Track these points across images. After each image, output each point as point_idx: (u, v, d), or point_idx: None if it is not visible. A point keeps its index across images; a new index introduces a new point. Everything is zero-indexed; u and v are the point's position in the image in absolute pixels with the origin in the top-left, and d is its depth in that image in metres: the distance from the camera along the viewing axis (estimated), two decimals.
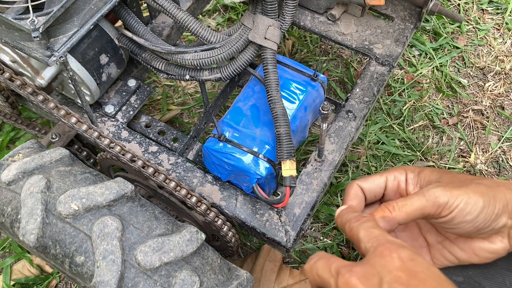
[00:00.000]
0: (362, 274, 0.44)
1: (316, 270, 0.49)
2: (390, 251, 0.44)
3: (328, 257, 0.49)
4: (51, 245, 0.73)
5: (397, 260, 0.43)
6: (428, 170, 0.58)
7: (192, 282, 0.72)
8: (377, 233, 0.49)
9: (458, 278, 0.62)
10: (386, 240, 0.46)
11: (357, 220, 0.52)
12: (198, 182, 0.91)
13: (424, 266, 0.43)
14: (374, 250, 0.46)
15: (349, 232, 0.52)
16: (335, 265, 0.47)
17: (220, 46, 0.87)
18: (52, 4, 0.76)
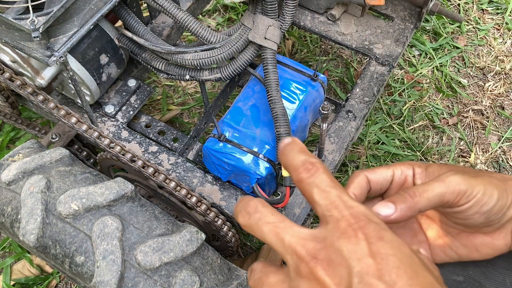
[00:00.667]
0: (327, 263, 0.38)
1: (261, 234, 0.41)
2: (355, 230, 0.38)
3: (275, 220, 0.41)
4: (51, 245, 0.73)
5: (364, 243, 0.37)
6: (436, 165, 0.56)
7: (192, 282, 0.72)
8: (334, 196, 0.40)
9: (458, 277, 0.62)
10: (348, 212, 0.39)
11: (307, 171, 0.42)
12: (198, 182, 0.91)
13: (395, 246, 0.37)
14: (335, 224, 0.39)
15: (298, 185, 0.43)
16: (289, 237, 0.40)
17: (220, 46, 0.88)
18: (52, 4, 0.76)
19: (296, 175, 0.43)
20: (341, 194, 0.40)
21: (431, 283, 0.35)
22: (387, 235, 0.38)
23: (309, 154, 0.44)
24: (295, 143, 0.46)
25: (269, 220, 0.41)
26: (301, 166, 0.43)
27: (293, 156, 0.44)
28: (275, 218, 0.41)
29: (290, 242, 0.39)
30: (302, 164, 0.43)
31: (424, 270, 0.36)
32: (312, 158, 0.43)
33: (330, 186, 0.41)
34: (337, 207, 0.39)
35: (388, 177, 0.57)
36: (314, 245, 0.38)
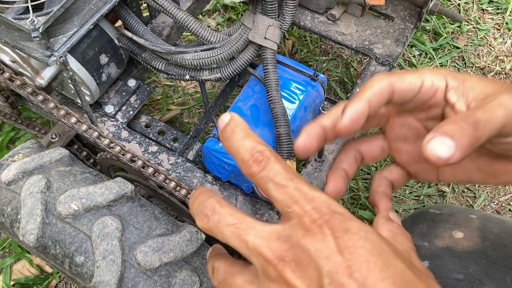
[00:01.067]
0: (296, 264, 0.35)
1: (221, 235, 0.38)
2: (320, 226, 0.35)
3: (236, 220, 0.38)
4: (51, 245, 0.73)
5: (331, 238, 0.34)
6: (475, 78, 0.45)
7: (192, 282, 0.72)
8: (293, 189, 0.37)
9: (459, 275, 0.62)
10: (310, 206, 0.36)
11: (258, 164, 0.38)
12: (198, 182, 0.91)
13: (362, 236, 0.35)
14: (299, 220, 0.36)
15: (251, 179, 0.39)
16: (252, 238, 0.37)
17: (220, 46, 0.87)
18: (52, 4, 0.76)
19: (245, 169, 0.39)
20: (299, 185, 0.37)
21: (402, 271, 0.34)
22: (353, 226, 0.35)
23: (254, 137, 0.40)
24: (236, 123, 0.41)
25: (229, 221, 0.38)
26: (249, 157, 0.38)
27: (238, 143, 0.39)
28: (235, 219, 0.38)
29: (254, 244, 0.36)
30: (250, 154, 0.38)
31: (395, 258, 0.35)
32: (260, 145, 0.39)
33: (286, 178, 0.37)
34: (297, 202, 0.36)
35: (415, 88, 0.46)
36: (280, 245, 0.36)
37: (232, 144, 0.40)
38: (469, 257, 0.64)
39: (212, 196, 0.40)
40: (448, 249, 0.66)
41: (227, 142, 0.40)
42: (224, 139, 0.41)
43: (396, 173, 0.53)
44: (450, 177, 0.50)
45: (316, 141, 0.46)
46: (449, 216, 0.71)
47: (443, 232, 0.69)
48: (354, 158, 0.51)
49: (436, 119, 0.48)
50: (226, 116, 0.41)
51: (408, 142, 0.51)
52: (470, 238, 0.66)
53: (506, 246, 0.63)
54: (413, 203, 1.24)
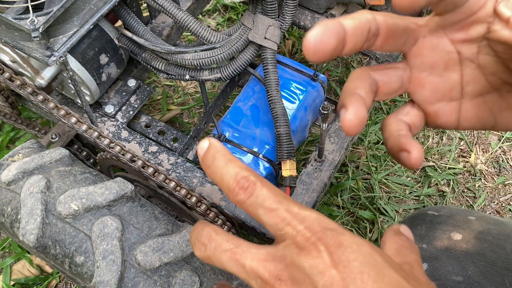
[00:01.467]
0: (292, 282, 0.36)
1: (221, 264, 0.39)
2: (314, 243, 0.35)
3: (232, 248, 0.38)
4: (51, 245, 0.73)
5: (325, 254, 0.34)
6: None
7: (192, 282, 0.71)
8: (283, 212, 0.37)
9: (457, 277, 0.62)
10: (303, 226, 0.36)
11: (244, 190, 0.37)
12: (198, 182, 0.91)
13: (355, 249, 0.35)
14: (292, 240, 0.36)
15: (240, 207, 0.39)
16: (249, 262, 0.37)
17: (220, 46, 0.87)
18: (52, 4, 0.76)
19: (232, 197, 0.38)
20: (289, 207, 0.37)
21: (397, 282, 0.34)
22: (345, 239, 0.35)
23: (236, 163, 0.39)
24: (215, 149, 0.40)
25: (225, 247, 0.38)
26: (235, 185, 0.38)
27: (221, 171, 0.39)
28: (231, 244, 0.38)
29: (251, 267, 0.37)
30: (235, 181, 0.38)
31: (389, 269, 0.35)
32: (243, 170, 0.38)
33: (275, 201, 0.37)
34: (290, 223, 0.36)
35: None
36: (276, 266, 0.36)
37: (215, 171, 0.39)
38: (468, 259, 0.64)
39: (208, 225, 0.40)
40: (446, 251, 0.66)
41: (209, 170, 0.40)
42: (206, 166, 0.40)
43: (414, 115, 0.45)
44: (473, 120, 0.44)
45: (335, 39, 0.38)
46: (447, 217, 0.71)
47: (442, 234, 0.68)
48: (369, 87, 0.42)
49: (474, 42, 0.41)
50: (204, 143, 0.40)
51: (435, 72, 0.44)
52: (469, 240, 0.66)
53: (505, 248, 0.63)
54: (413, 203, 1.25)
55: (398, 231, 0.42)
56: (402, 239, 0.41)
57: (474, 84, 0.43)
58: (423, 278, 0.38)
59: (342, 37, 0.39)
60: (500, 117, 0.44)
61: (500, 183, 1.27)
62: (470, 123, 0.45)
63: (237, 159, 0.40)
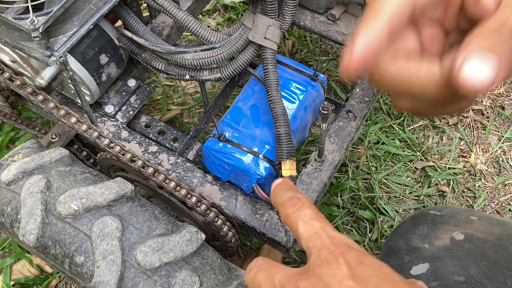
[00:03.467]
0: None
1: (257, 283, 0.43)
2: (336, 256, 0.38)
3: (269, 267, 0.43)
4: (51, 245, 0.73)
5: (345, 267, 0.37)
6: None
7: (192, 282, 0.71)
8: (317, 227, 0.42)
9: (459, 278, 0.62)
10: (329, 241, 0.40)
11: (293, 206, 0.44)
12: (198, 182, 0.91)
13: (374, 268, 0.37)
14: (318, 253, 0.40)
15: (286, 220, 0.45)
16: (278, 277, 0.42)
17: (220, 46, 0.87)
18: (52, 4, 0.76)
19: (283, 211, 0.45)
20: (324, 225, 0.42)
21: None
22: (367, 260, 0.38)
23: (297, 190, 0.47)
24: (285, 182, 0.49)
25: (263, 267, 0.43)
26: (288, 201, 0.45)
27: (282, 194, 0.47)
28: (269, 265, 0.43)
29: (279, 280, 0.41)
30: (289, 199, 0.45)
31: (407, 286, 0.37)
32: (299, 194, 0.46)
33: (314, 219, 0.43)
34: (320, 237, 0.41)
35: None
36: (298, 277, 0.40)
37: (278, 194, 0.47)
38: (470, 259, 0.63)
39: (261, 257, 0.46)
40: (448, 251, 0.65)
41: (274, 195, 0.48)
42: (273, 193, 0.48)
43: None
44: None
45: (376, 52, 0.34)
46: (449, 217, 0.71)
47: (444, 233, 0.68)
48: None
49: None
50: (279, 180, 0.50)
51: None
52: (471, 240, 0.65)
53: (507, 248, 0.63)
54: (413, 203, 1.24)
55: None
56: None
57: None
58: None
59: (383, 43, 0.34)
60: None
61: (500, 183, 1.27)
62: None
63: (300, 191, 0.48)
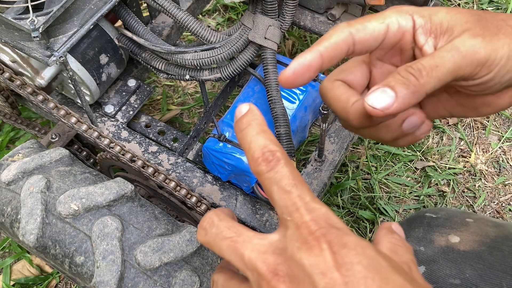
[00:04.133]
0: (290, 280, 0.34)
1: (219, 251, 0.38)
2: (318, 239, 0.34)
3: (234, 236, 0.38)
4: (51, 245, 0.73)
5: (328, 253, 0.33)
6: (443, 12, 0.42)
7: (192, 282, 0.71)
8: (295, 196, 0.36)
9: (455, 280, 0.62)
10: (309, 217, 0.35)
11: (267, 163, 0.37)
12: (198, 182, 0.91)
13: (359, 251, 0.34)
14: (295, 230, 0.35)
15: (257, 177, 0.38)
16: (249, 253, 0.36)
17: (220, 46, 0.87)
18: (52, 4, 0.76)
19: (254, 166, 0.38)
20: (303, 193, 0.36)
21: (402, 286, 0.33)
22: (350, 241, 0.34)
23: (269, 135, 0.39)
24: (253, 116, 0.40)
25: (226, 235, 0.38)
26: (260, 155, 0.38)
27: (251, 138, 0.39)
28: (232, 232, 0.38)
29: (250, 258, 0.36)
30: (261, 152, 0.38)
31: (393, 272, 0.34)
32: (272, 145, 0.38)
33: (291, 184, 0.37)
34: (298, 210, 0.36)
35: (379, 35, 0.42)
36: (275, 259, 0.35)
37: (245, 137, 0.39)
38: (466, 261, 0.63)
39: (214, 210, 0.40)
40: (444, 253, 0.65)
41: (240, 134, 0.40)
42: (238, 130, 0.40)
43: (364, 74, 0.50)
44: (431, 113, 0.49)
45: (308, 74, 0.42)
46: (445, 220, 0.71)
47: (440, 236, 0.68)
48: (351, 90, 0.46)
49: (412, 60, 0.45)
50: (244, 107, 0.40)
51: None
52: (467, 243, 0.65)
53: (503, 250, 0.63)
54: (413, 203, 1.24)
55: (391, 229, 0.41)
56: (396, 238, 0.40)
57: None
58: (421, 281, 0.37)
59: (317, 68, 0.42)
60: (453, 111, 0.48)
61: (500, 183, 1.27)
62: (430, 116, 0.49)
63: (271, 133, 0.39)
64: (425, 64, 0.39)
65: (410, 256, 0.39)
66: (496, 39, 0.40)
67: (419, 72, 0.39)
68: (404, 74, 0.39)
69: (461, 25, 0.41)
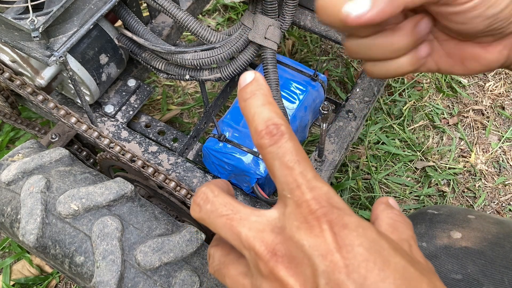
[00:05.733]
0: (289, 260, 0.33)
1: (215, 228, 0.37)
2: (318, 219, 0.33)
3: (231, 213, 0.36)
4: (50, 245, 0.73)
5: (329, 233, 0.32)
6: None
7: (192, 282, 0.71)
8: (297, 174, 0.35)
9: (457, 276, 0.62)
10: (310, 195, 0.34)
11: (270, 137, 0.36)
12: (198, 182, 0.91)
13: (360, 233, 0.33)
14: (295, 208, 0.34)
15: (259, 150, 0.37)
16: (246, 231, 0.35)
17: (220, 46, 0.87)
18: (51, 4, 0.76)
19: (256, 139, 0.36)
20: (305, 170, 0.35)
21: (404, 269, 0.32)
22: (351, 222, 0.33)
23: (274, 107, 0.37)
24: (258, 85, 0.38)
25: (222, 212, 0.36)
26: (263, 128, 0.36)
27: (255, 109, 0.37)
28: (229, 210, 0.36)
29: (247, 237, 0.34)
30: (265, 125, 0.36)
31: (395, 254, 0.33)
32: (277, 118, 0.36)
33: (294, 160, 0.35)
34: (299, 188, 0.34)
35: None
36: (273, 238, 0.34)
37: (249, 108, 0.37)
38: (467, 257, 0.64)
39: (207, 184, 0.38)
40: (446, 249, 0.66)
41: (244, 104, 0.38)
42: (242, 99, 0.38)
43: None
44: (417, 64, 0.47)
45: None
46: (447, 216, 0.71)
47: (442, 232, 0.68)
48: None
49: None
50: (249, 75, 0.38)
51: None
52: (468, 239, 0.66)
53: (504, 246, 0.63)
54: (413, 203, 1.24)
55: (388, 204, 0.40)
56: (395, 213, 0.39)
57: None
58: (422, 259, 0.37)
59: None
60: (440, 62, 0.47)
61: (500, 183, 1.27)
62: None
63: (277, 105, 0.38)
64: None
65: (410, 233, 0.38)
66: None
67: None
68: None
69: None
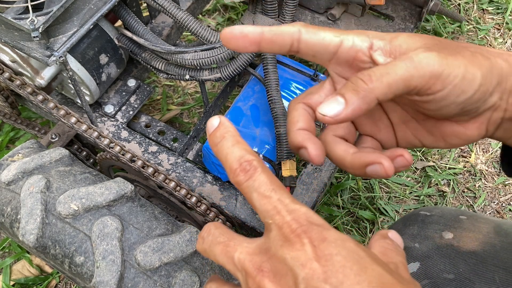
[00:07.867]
0: (273, 274, 0.36)
1: (213, 256, 0.40)
2: (299, 235, 0.36)
3: (226, 241, 0.40)
4: (50, 245, 0.73)
5: (309, 247, 0.35)
6: (404, 36, 0.43)
7: (192, 282, 0.71)
8: (275, 201, 0.38)
9: (449, 275, 0.63)
10: (290, 217, 0.37)
11: (244, 173, 0.39)
12: (198, 182, 0.91)
13: (338, 244, 0.35)
14: (278, 230, 0.37)
15: (237, 187, 0.40)
16: (238, 255, 0.38)
17: (220, 46, 0.87)
18: (51, 4, 0.76)
19: (232, 177, 0.40)
20: (282, 197, 0.38)
21: (380, 275, 0.34)
22: (330, 235, 0.36)
23: (243, 146, 0.40)
24: (225, 128, 0.41)
25: (219, 240, 0.40)
26: (237, 166, 0.39)
27: (227, 151, 0.40)
28: (225, 238, 0.40)
29: (239, 259, 0.38)
30: (239, 163, 0.39)
31: (372, 263, 0.35)
32: (248, 155, 0.40)
33: (270, 189, 0.38)
34: (279, 213, 0.37)
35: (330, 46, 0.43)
36: (260, 258, 0.37)
37: (221, 150, 0.41)
38: (459, 257, 0.64)
39: (213, 223, 0.43)
40: (438, 249, 0.66)
41: (216, 148, 0.41)
42: (213, 144, 0.41)
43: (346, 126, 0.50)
44: (403, 143, 0.50)
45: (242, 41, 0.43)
46: (439, 217, 0.72)
47: (433, 233, 0.69)
48: (307, 114, 0.47)
49: None
50: (215, 120, 0.42)
51: None
52: (460, 239, 0.66)
53: (495, 245, 0.64)
54: (413, 203, 1.24)
55: (385, 236, 0.42)
56: (388, 242, 0.42)
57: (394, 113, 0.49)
58: (407, 276, 0.38)
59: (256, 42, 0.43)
60: (423, 139, 0.49)
61: (500, 183, 1.27)
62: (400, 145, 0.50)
63: (245, 142, 0.41)
64: (375, 71, 0.40)
65: (399, 258, 0.40)
66: (452, 58, 0.40)
67: (369, 77, 0.40)
68: (354, 80, 0.41)
69: (420, 46, 0.42)
